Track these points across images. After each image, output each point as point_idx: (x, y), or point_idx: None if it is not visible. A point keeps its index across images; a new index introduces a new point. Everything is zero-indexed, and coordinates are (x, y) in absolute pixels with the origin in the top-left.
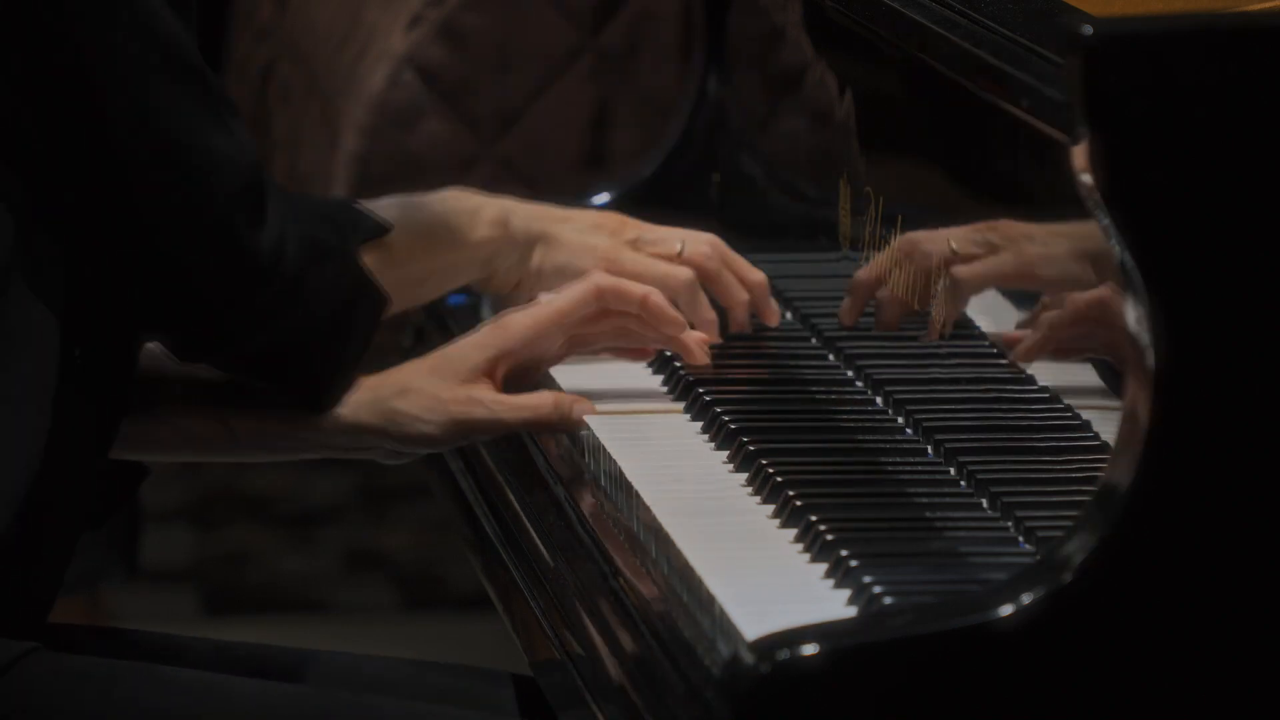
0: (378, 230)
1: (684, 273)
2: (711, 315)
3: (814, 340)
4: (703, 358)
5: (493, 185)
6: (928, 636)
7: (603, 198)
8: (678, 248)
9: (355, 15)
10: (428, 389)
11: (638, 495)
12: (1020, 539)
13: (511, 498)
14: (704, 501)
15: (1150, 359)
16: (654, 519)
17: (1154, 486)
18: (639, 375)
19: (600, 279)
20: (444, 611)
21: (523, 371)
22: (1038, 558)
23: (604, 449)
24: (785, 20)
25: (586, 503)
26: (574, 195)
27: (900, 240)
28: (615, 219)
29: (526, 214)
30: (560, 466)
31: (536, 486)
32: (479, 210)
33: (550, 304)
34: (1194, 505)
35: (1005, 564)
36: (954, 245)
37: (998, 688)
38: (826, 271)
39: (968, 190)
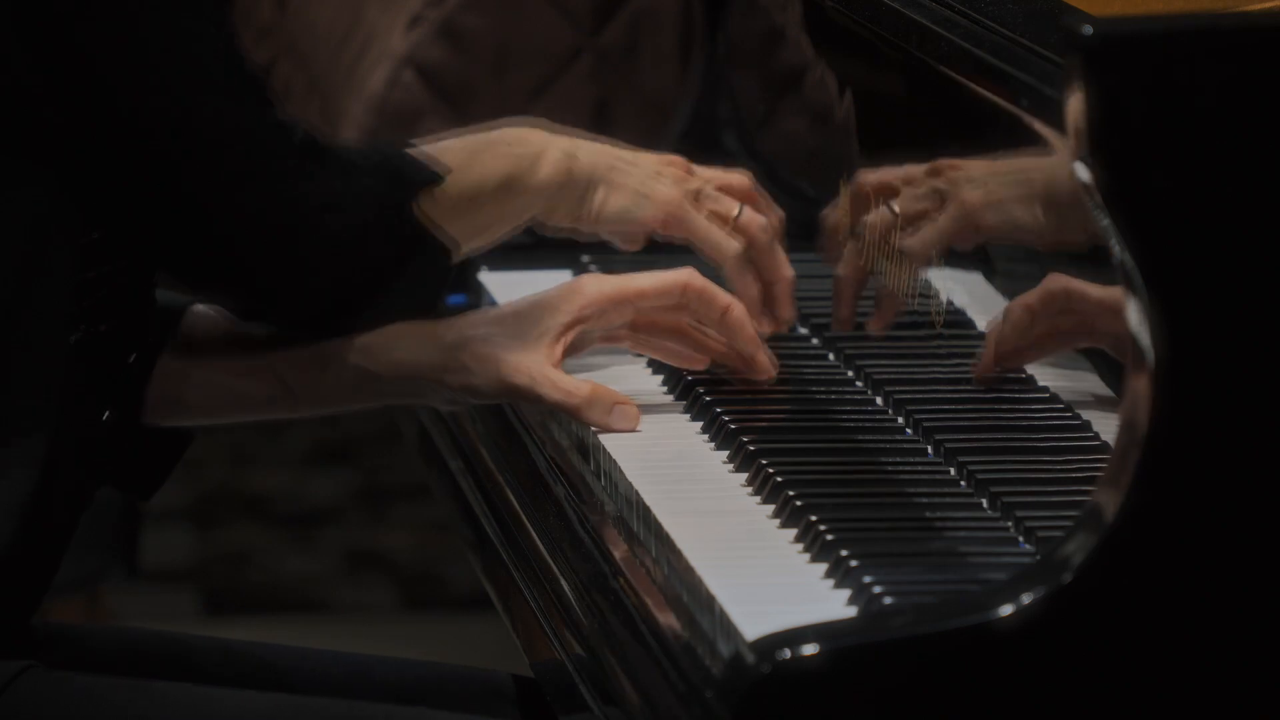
0: (434, 178)
1: (734, 246)
2: (754, 292)
3: (814, 340)
4: (767, 373)
5: None
6: (928, 636)
7: None
8: (736, 211)
9: (355, 15)
10: (488, 344)
11: (638, 495)
12: (1020, 539)
13: (511, 498)
14: (704, 501)
15: (1150, 358)
16: (654, 519)
17: (1154, 486)
18: (639, 375)
19: (692, 278)
20: (444, 611)
21: (586, 340)
22: (1038, 558)
23: (604, 449)
24: (785, 20)
25: (586, 503)
26: None
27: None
28: (680, 165)
29: (591, 153)
30: (560, 466)
31: (536, 486)
32: (543, 151)
33: (632, 280)
34: (1194, 505)
35: (1005, 564)
36: (896, 209)
37: (998, 688)
38: (827, 271)
39: None
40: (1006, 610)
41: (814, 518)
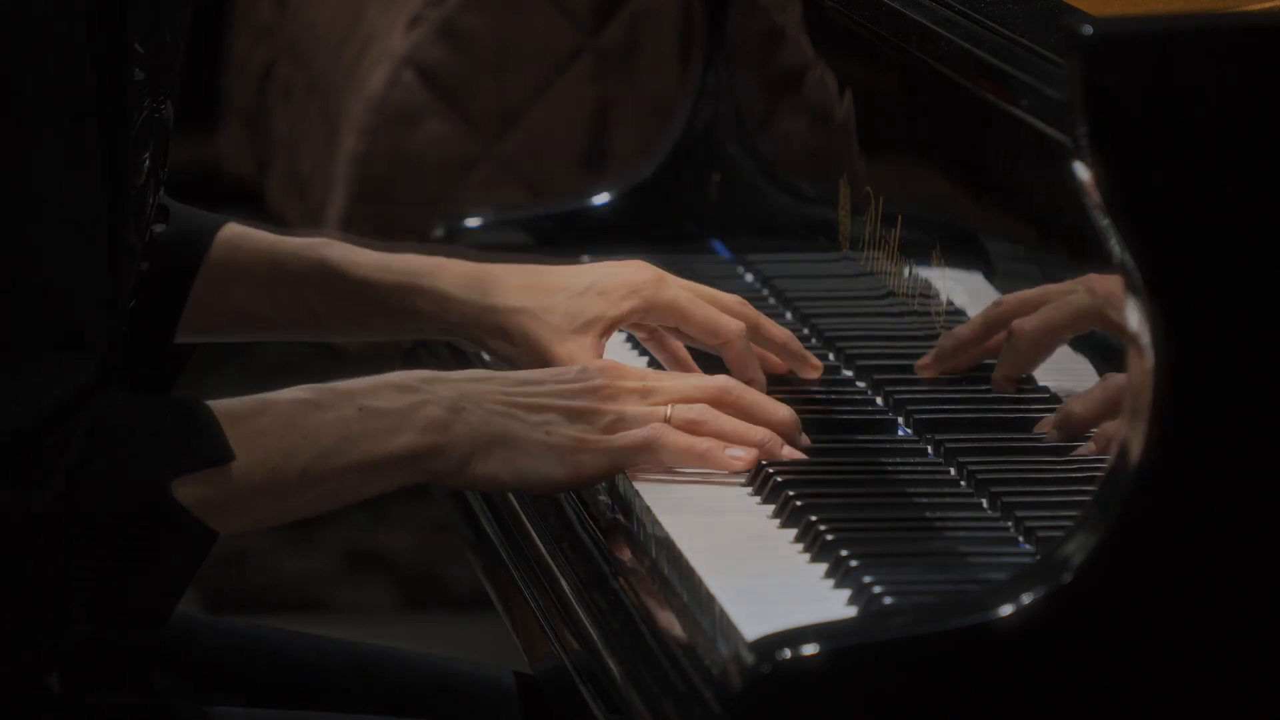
0: (213, 457)
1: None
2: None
3: (814, 340)
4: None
5: (493, 185)
6: (928, 636)
7: (603, 198)
8: (665, 414)
9: (355, 15)
10: (535, 321)
11: (638, 495)
12: (1020, 539)
13: (511, 497)
14: (704, 502)
15: (1151, 359)
16: (654, 519)
17: (1154, 486)
18: None
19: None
20: (444, 611)
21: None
22: (1038, 558)
23: None
24: (785, 20)
25: (586, 503)
26: (574, 195)
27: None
28: (598, 394)
29: (483, 410)
30: None
31: None
32: (416, 407)
33: (692, 305)
34: (1194, 506)
35: (1005, 564)
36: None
37: (998, 688)
38: (826, 271)
39: (968, 190)
40: (1006, 610)
41: (814, 518)
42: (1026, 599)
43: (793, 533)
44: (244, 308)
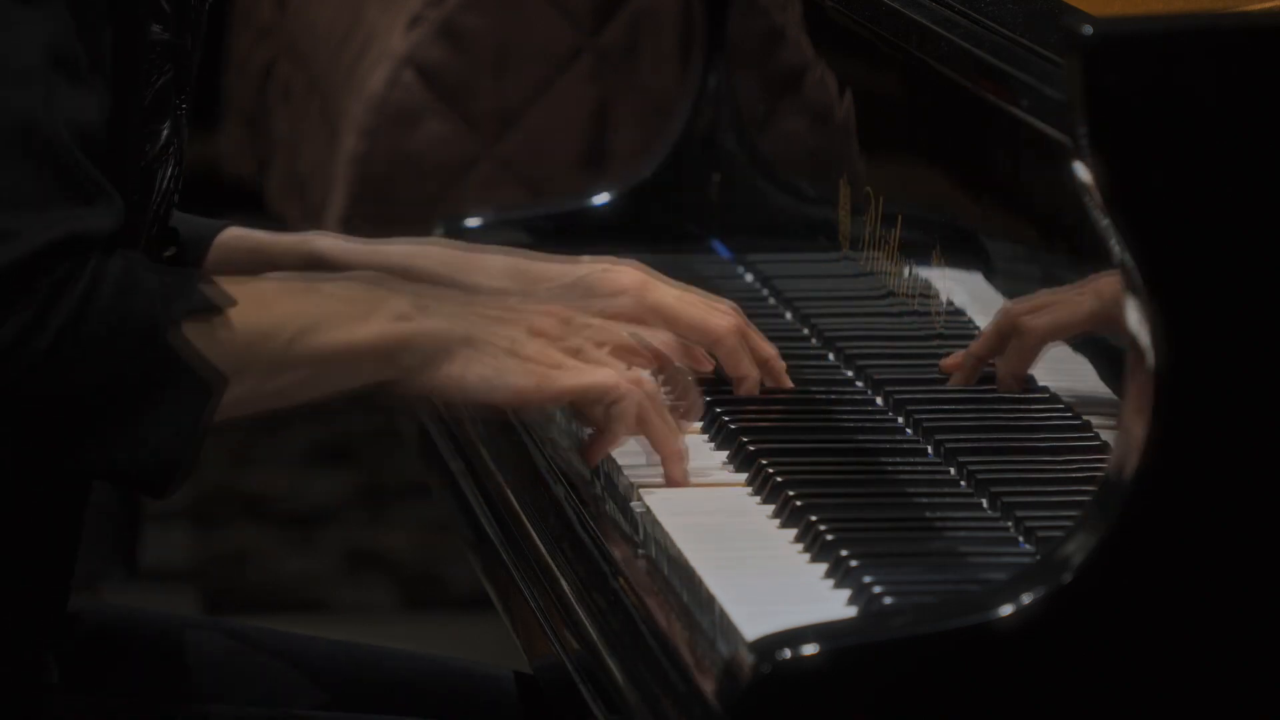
0: (202, 306)
1: (628, 399)
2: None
3: (814, 340)
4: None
5: (493, 185)
6: (928, 636)
7: (603, 198)
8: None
9: (355, 15)
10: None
11: (638, 495)
12: (1020, 539)
13: (511, 498)
14: (703, 502)
15: (1151, 359)
16: (654, 518)
17: (1154, 487)
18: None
19: (728, 336)
20: (444, 611)
21: None
22: (1038, 558)
23: None
24: (785, 20)
25: (586, 503)
26: (574, 195)
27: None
28: (556, 316)
29: (442, 314)
30: (560, 466)
31: (536, 486)
32: (375, 308)
33: (674, 301)
34: (1194, 506)
35: (1005, 564)
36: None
37: (998, 688)
38: (826, 271)
39: (968, 191)
40: (1006, 610)
41: (814, 518)
42: (1026, 599)
43: (793, 533)
44: None
